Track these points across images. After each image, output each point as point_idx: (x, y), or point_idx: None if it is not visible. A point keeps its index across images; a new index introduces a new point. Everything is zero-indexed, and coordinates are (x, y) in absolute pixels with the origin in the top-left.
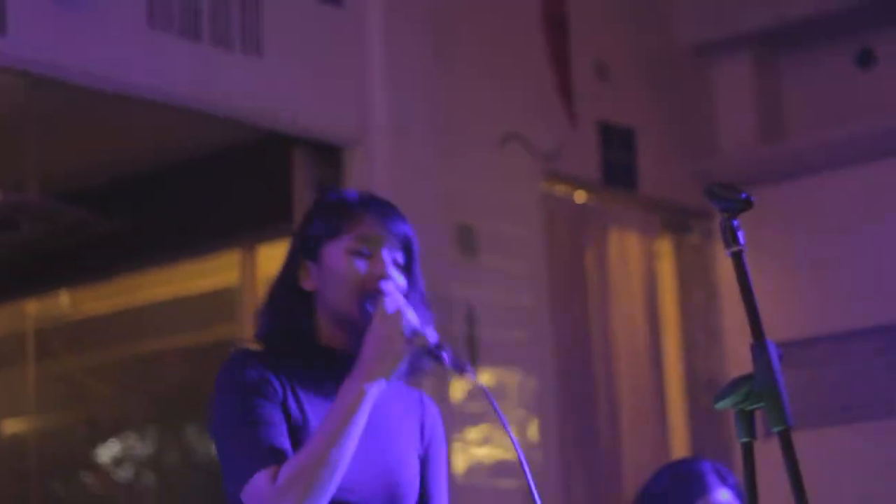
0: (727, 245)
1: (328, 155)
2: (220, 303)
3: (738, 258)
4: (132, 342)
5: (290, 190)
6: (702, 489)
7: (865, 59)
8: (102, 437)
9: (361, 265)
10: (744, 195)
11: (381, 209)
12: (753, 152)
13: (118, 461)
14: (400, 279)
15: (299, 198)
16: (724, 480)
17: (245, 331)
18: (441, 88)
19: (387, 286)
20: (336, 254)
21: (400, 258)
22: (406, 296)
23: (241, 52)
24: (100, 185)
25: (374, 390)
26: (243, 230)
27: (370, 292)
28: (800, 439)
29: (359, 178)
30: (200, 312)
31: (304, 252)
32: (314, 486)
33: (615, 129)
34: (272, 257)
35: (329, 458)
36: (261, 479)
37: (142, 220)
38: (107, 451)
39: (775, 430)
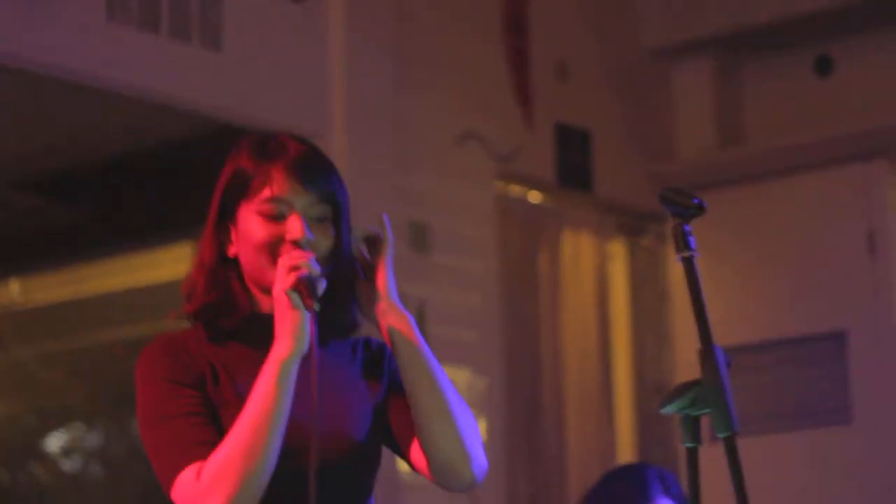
0: (678, 250)
1: None
2: (171, 294)
3: (688, 263)
4: (83, 332)
5: None
6: (644, 499)
7: (824, 65)
8: (51, 427)
9: (272, 228)
10: (696, 201)
11: (295, 163)
12: (711, 156)
13: (66, 451)
14: (323, 243)
15: None
16: (667, 490)
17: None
18: (400, 86)
19: (289, 249)
20: (248, 217)
21: (322, 214)
22: (328, 258)
23: (200, 45)
24: (54, 174)
25: (289, 365)
26: (196, 223)
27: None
28: (750, 445)
29: None
30: (152, 304)
31: (225, 219)
32: (242, 478)
33: (572, 130)
34: None
35: (253, 446)
36: (186, 477)
37: (95, 209)
38: (55, 441)
39: (721, 435)
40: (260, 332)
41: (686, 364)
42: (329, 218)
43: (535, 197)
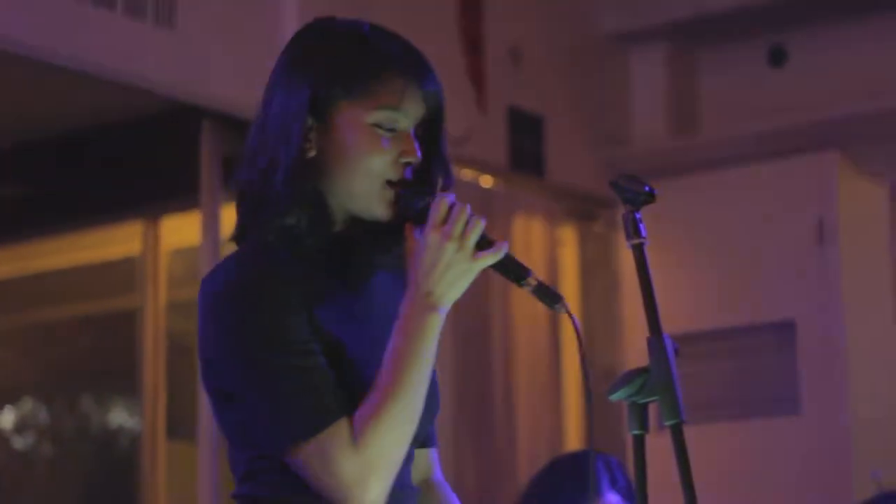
0: (629, 237)
1: (238, 128)
2: (121, 273)
3: (638, 250)
4: (31, 309)
5: (197, 162)
6: (591, 494)
7: (778, 56)
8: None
9: (384, 142)
10: (648, 188)
11: (416, 67)
12: (664, 144)
13: (15, 429)
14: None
15: (206, 171)
16: (614, 483)
17: (146, 302)
18: None
19: (440, 195)
20: (354, 123)
21: (420, 131)
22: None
23: (154, 23)
24: (3, 151)
25: (441, 319)
26: (148, 201)
27: (396, 183)
28: (698, 434)
29: None
30: (101, 281)
31: (309, 107)
32: (396, 445)
33: (525, 115)
34: (176, 229)
35: (406, 413)
36: (333, 440)
37: (45, 186)
38: (3, 419)
39: (668, 423)
40: (330, 256)
41: (636, 351)
42: (429, 134)
43: (486, 181)
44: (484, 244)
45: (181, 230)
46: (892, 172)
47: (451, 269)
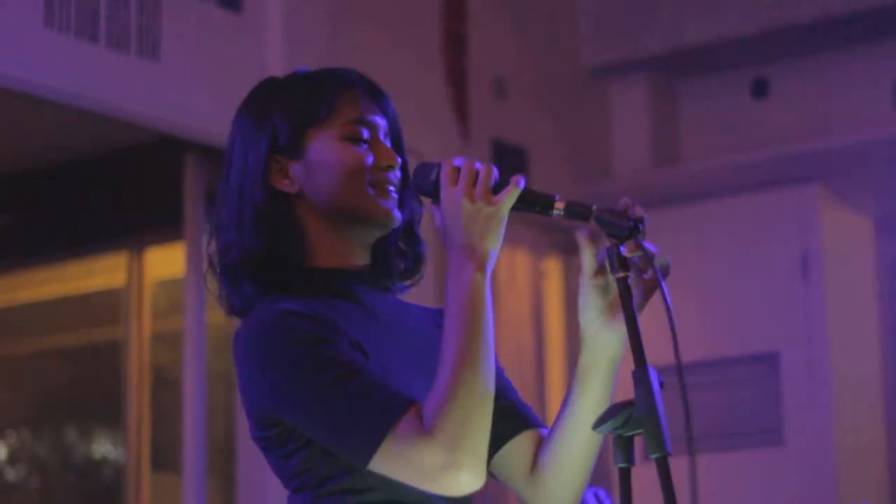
0: (613, 270)
1: (221, 160)
2: (105, 304)
3: (623, 284)
4: (16, 340)
5: (180, 194)
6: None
7: (759, 88)
8: None
9: (360, 153)
10: (631, 222)
11: (369, 86)
12: (646, 176)
13: (9, 461)
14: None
15: (190, 202)
16: None
17: (130, 333)
18: None
19: (445, 161)
20: (327, 143)
21: (390, 140)
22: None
23: (138, 55)
24: None
25: (485, 276)
26: (132, 232)
27: (377, 182)
28: (681, 465)
29: None
30: (85, 313)
31: (277, 148)
32: (477, 413)
33: (508, 147)
34: (160, 260)
35: (477, 382)
36: (404, 433)
37: (30, 217)
38: None
39: (653, 456)
40: (335, 288)
41: (620, 384)
42: (393, 143)
43: None
44: (500, 187)
45: (165, 261)
46: (875, 204)
47: (476, 222)
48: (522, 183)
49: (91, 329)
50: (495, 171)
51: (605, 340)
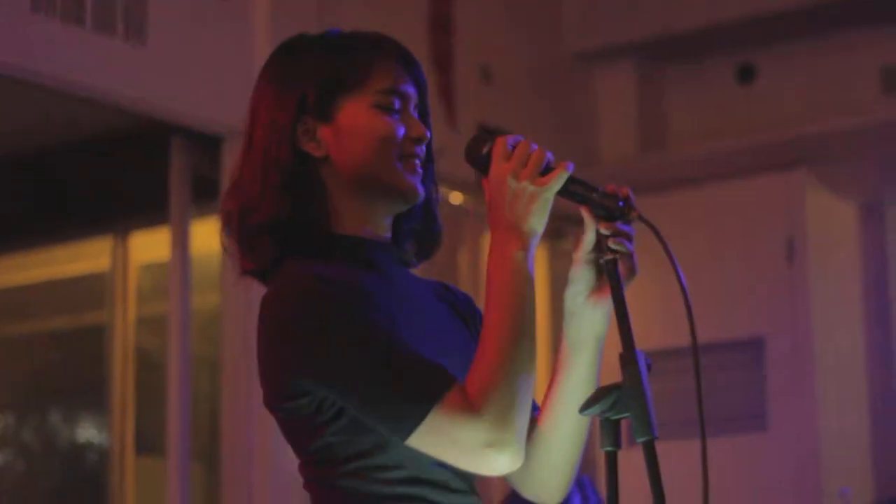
0: (602, 252)
1: (207, 145)
2: (90, 288)
3: (611, 266)
4: (1, 324)
5: (166, 178)
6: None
7: (746, 74)
8: None
9: (393, 123)
10: (621, 203)
11: (405, 55)
12: (633, 161)
13: None
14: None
15: (175, 186)
16: (585, 500)
17: (115, 317)
18: None
19: (501, 138)
20: (359, 111)
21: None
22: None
23: (124, 39)
24: None
25: (529, 252)
26: (117, 216)
27: (406, 156)
28: (667, 450)
29: None
30: (70, 297)
31: (306, 109)
32: (523, 392)
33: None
34: (145, 244)
35: (520, 358)
36: (451, 406)
37: (16, 201)
38: None
39: (640, 440)
40: (346, 257)
41: (606, 367)
42: (421, 114)
43: (456, 198)
44: (548, 171)
45: (151, 246)
46: (861, 190)
47: (521, 200)
48: (571, 167)
49: (76, 313)
50: (549, 155)
51: (590, 317)
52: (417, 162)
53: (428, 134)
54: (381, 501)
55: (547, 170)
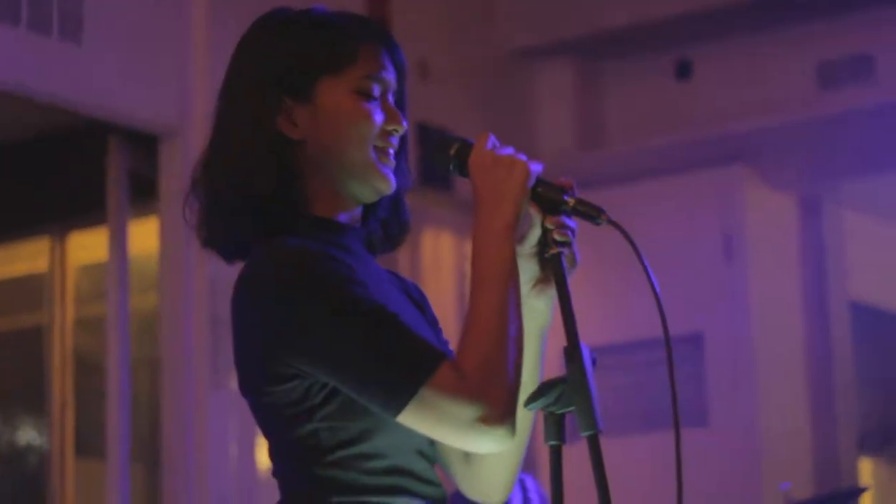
0: (546, 245)
1: (145, 144)
2: (28, 290)
3: (556, 260)
4: None
5: (104, 178)
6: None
7: (683, 70)
8: None
9: (372, 111)
10: (566, 196)
11: (388, 39)
12: (571, 158)
13: None
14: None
15: (113, 186)
16: (528, 501)
17: (53, 318)
18: None
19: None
20: (339, 94)
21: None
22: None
23: (60, 38)
24: None
25: (507, 233)
26: (55, 217)
27: (381, 148)
28: (606, 447)
29: (174, 167)
30: (8, 298)
31: (286, 89)
32: (516, 367)
33: (433, 130)
34: (83, 245)
35: (505, 332)
36: (444, 379)
37: None
38: None
39: (584, 434)
40: (343, 243)
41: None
42: (398, 101)
43: None
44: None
45: (89, 246)
46: (798, 185)
47: (507, 171)
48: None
49: (14, 315)
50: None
51: (533, 309)
52: (392, 153)
53: (405, 125)
54: (364, 492)
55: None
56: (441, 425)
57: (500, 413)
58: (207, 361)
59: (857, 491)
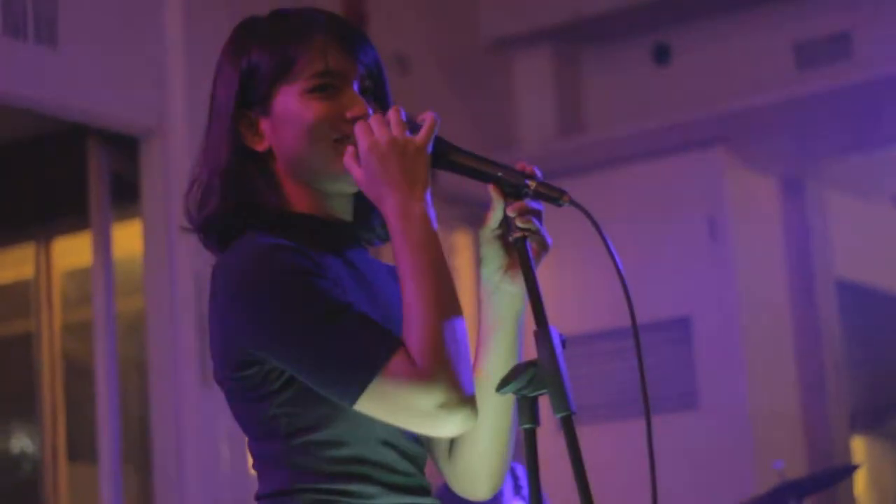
0: (510, 230)
1: (125, 146)
2: (14, 297)
3: (521, 244)
4: None
5: (85, 182)
6: (495, 500)
7: (662, 54)
8: None
9: (327, 106)
10: (527, 181)
11: (339, 29)
12: (552, 145)
13: None
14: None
15: (94, 190)
16: (518, 490)
17: (41, 324)
18: None
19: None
20: (292, 99)
21: (367, 88)
22: None
23: (35, 41)
24: None
25: (423, 207)
26: (38, 223)
27: (344, 138)
28: (596, 432)
29: (155, 169)
30: None
31: (246, 103)
32: (463, 348)
33: (413, 122)
34: (68, 251)
35: (452, 305)
36: (396, 368)
37: None
38: None
39: (558, 415)
40: (318, 234)
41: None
42: (370, 92)
43: None
44: (415, 130)
45: (73, 251)
46: (780, 165)
47: (406, 156)
48: (437, 117)
49: (1, 322)
50: (402, 112)
51: (507, 293)
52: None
53: (370, 111)
54: (327, 479)
55: (414, 127)
56: (400, 414)
57: (458, 397)
58: (195, 362)
59: (850, 469)
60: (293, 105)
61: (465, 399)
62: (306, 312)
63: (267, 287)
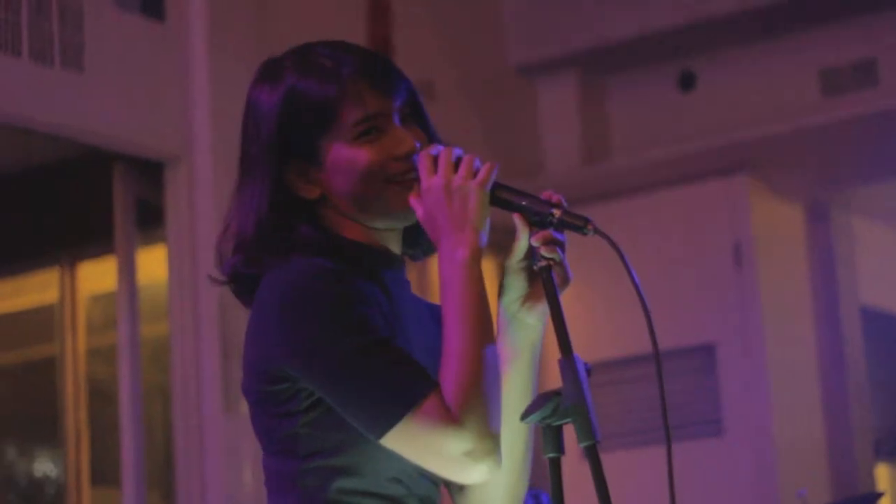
0: (535, 259)
1: (150, 171)
2: (38, 321)
3: (545, 273)
4: None
5: (110, 207)
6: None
7: (687, 81)
8: None
9: (374, 150)
10: (552, 210)
11: (372, 70)
12: (577, 172)
13: None
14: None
15: (119, 215)
16: None
17: (65, 349)
18: None
19: (422, 153)
20: (341, 149)
21: (407, 115)
22: None
23: (62, 68)
24: None
25: (474, 255)
26: (63, 247)
27: (396, 175)
28: (622, 459)
29: (180, 194)
30: (19, 330)
31: (293, 157)
32: (496, 400)
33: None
34: (92, 275)
35: (489, 356)
36: (430, 409)
37: None
38: None
39: (582, 445)
40: (350, 261)
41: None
42: (410, 118)
43: None
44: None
45: (98, 276)
46: (805, 192)
47: (462, 201)
48: (496, 165)
49: (26, 347)
50: (476, 160)
51: (525, 323)
52: (413, 175)
53: (417, 144)
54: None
55: (474, 172)
56: (426, 456)
57: (485, 447)
58: (219, 387)
59: (875, 496)
60: (344, 154)
61: (492, 449)
62: (348, 339)
63: (312, 308)
